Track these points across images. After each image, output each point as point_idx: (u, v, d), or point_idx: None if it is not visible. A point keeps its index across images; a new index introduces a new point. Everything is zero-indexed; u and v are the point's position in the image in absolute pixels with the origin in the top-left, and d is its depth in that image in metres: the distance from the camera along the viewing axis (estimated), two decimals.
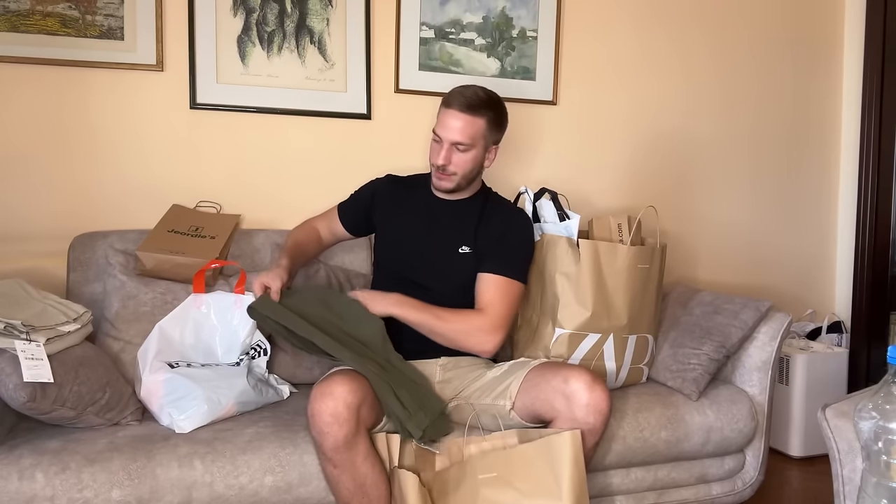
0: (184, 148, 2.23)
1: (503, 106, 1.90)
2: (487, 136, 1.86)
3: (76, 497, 1.47)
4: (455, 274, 1.89)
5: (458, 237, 1.90)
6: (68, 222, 2.11)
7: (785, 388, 2.59)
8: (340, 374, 1.59)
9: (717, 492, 2.05)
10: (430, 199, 1.96)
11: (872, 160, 2.88)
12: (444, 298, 1.85)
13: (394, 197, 2.00)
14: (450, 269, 1.89)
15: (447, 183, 1.87)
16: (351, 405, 1.51)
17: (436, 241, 1.91)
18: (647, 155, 2.72)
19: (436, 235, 1.91)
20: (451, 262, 1.89)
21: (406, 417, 1.60)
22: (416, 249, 1.91)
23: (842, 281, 3.01)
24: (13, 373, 1.46)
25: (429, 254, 1.90)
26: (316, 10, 2.30)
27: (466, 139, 1.81)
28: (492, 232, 1.90)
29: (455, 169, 1.85)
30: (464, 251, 1.89)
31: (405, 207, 1.97)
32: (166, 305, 1.90)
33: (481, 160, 1.89)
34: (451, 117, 1.81)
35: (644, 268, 1.98)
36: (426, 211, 1.95)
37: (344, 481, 1.55)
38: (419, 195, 1.98)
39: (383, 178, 2.06)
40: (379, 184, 2.05)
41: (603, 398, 1.64)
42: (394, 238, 1.96)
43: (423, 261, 1.90)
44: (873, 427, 1.12)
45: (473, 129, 1.82)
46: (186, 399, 1.68)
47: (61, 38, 2.08)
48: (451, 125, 1.81)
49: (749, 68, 2.83)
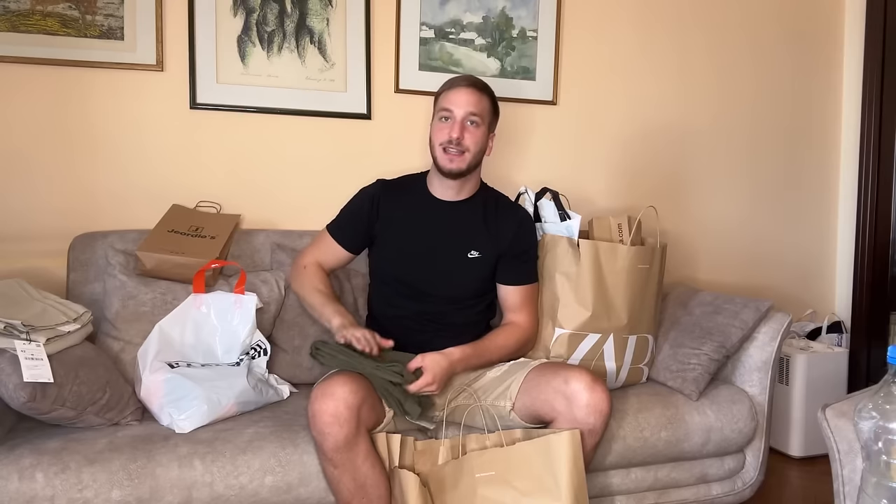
0: (184, 148, 2.23)
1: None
2: (490, 118, 1.88)
3: (76, 497, 1.47)
4: (464, 278, 1.88)
5: (466, 242, 1.88)
6: (68, 222, 2.11)
7: (785, 388, 2.59)
8: (341, 374, 1.59)
9: (717, 492, 2.05)
10: (429, 202, 1.92)
11: (872, 160, 2.88)
12: (452, 302, 1.85)
13: (391, 202, 1.92)
14: (459, 274, 1.87)
15: (459, 163, 1.82)
16: (351, 405, 1.51)
17: (442, 247, 1.88)
18: (646, 155, 2.72)
19: (442, 240, 1.88)
20: (460, 267, 1.87)
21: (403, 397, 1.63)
22: (422, 256, 1.87)
23: (842, 281, 3.01)
24: (13, 373, 1.46)
25: (436, 259, 1.87)
26: (316, 9, 2.30)
27: (480, 111, 1.82)
28: (502, 237, 1.90)
29: (469, 144, 1.82)
30: (473, 256, 1.88)
31: (404, 212, 1.91)
32: (166, 305, 1.90)
33: (485, 143, 1.87)
34: (462, 93, 1.82)
35: (644, 268, 1.98)
36: (427, 215, 1.90)
37: (344, 481, 1.55)
38: (417, 198, 1.93)
39: (374, 184, 1.98)
40: (373, 191, 1.95)
41: (603, 399, 1.65)
42: (396, 245, 1.90)
43: (429, 267, 1.87)
44: (873, 427, 1.12)
45: (482, 106, 1.83)
46: (186, 399, 1.68)
47: (61, 38, 2.08)
48: (464, 99, 1.81)
49: (749, 68, 2.83)
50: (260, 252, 2.14)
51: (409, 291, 1.87)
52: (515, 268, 1.91)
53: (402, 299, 1.88)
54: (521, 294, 1.92)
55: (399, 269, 1.89)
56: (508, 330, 1.89)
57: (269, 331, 2.01)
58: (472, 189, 1.94)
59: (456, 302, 1.87)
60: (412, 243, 1.88)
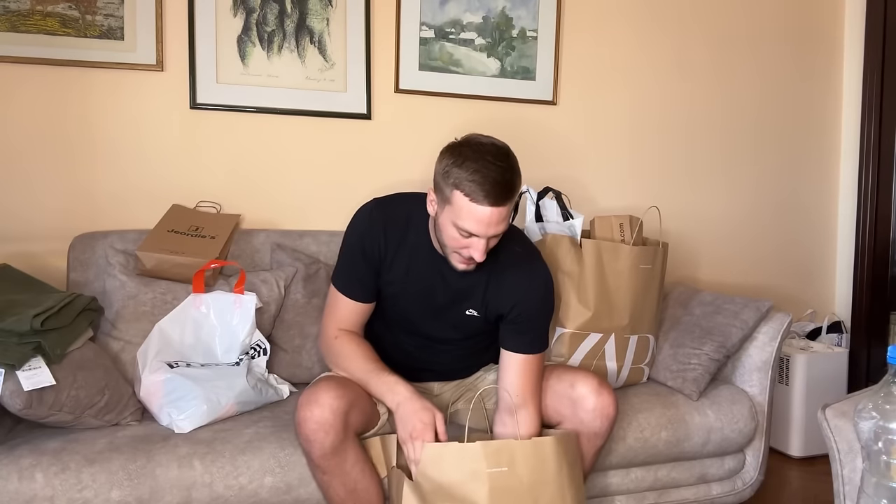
0: (184, 148, 2.23)
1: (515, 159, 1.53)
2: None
3: (76, 497, 1.47)
4: (464, 331, 1.73)
5: (464, 299, 1.67)
6: (68, 222, 2.11)
7: (785, 388, 2.59)
8: (327, 379, 1.57)
9: (717, 492, 2.05)
10: (428, 249, 1.64)
11: (872, 160, 2.88)
12: (453, 345, 1.77)
13: (394, 238, 1.65)
14: (458, 327, 1.71)
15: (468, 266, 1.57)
16: (338, 411, 1.48)
17: (441, 297, 1.67)
18: (646, 155, 2.72)
19: (440, 291, 1.67)
20: (459, 321, 1.70)
21: None
22: (421, 300, 1.68)
23: (842, 281, 3.01)
24: (9, 379, 1.45)
25: (434, 307, 1.69)
26: (316, 10, 2.30)
27: (505, 225, 1.50)
28: (503, 299, 1.65)
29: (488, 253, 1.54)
30: (471, 314, 1.68)
31: (403, 250, 1.66)
32: (166, 305, 1.90)
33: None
34: (487, 213, 1.45)
35: (646, 268, 1.98)
36: (426, 261, 1.65)
37: (334, 487, 1.54)
38: (417, 243, 1.65)
39: (373, 215, 1.67)
40: (377, 227, 1.65)
41: (610, 402, 1.64)
42: (394, 289, 1.68)
43: (428, 315, 1.70)
44: (873, 427, 1.12)
45: (509, 210, 1.50)
46: (186, 399, 1.68)
47: (61, 38, 2.08)
48: (489, 220, 1.46)
49: (749, 68, 2.83)
50: (260, 252, 2.14)
51: (412, 332, 1.75)
52: (514, 336, 1.66)
53: (400, 333, 1.77)
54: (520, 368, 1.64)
55: (395, 309, 1.72)
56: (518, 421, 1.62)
57: (269, 330, 2.01)
58: None
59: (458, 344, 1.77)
60: (412, 289, 1.67)
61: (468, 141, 1.51)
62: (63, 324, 1.60)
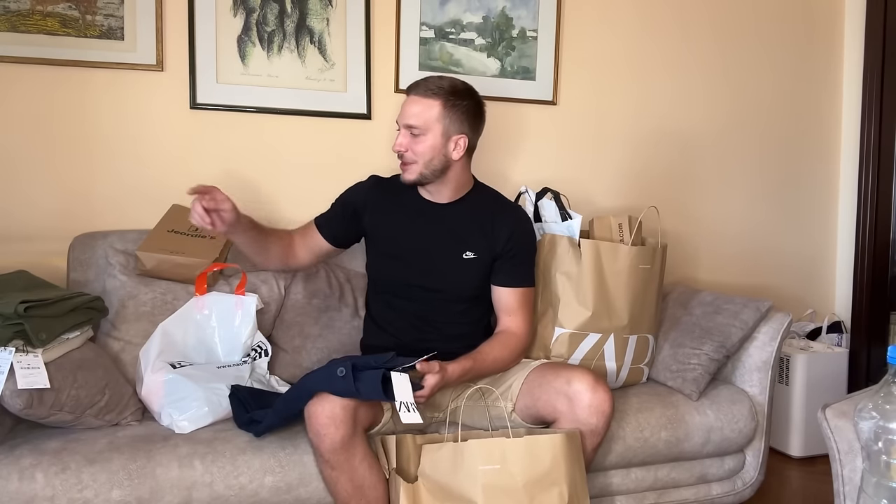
0: (184, 148, 2.23)
1: (470, 95, 1.81)
2: (446, 122, 1.75)
3: (76, 497, 1.47)
4: (460, 279, 1.85)
5: (461, 243, 1.84)
6: (68, 222, 2.11)
7: (785, 388, 2.59)
8: None
9: (717, 492, 2.05)
10: (421, 203, 1.88)
11: (872, 160, 2.88)
12: (449, 303, 1.85)
13: (384, 201, 1.90)
14: (454, 274, 1.85)
15: (409, 174, 1.80)
16: (347, 406, 1.50)
17: (437, 248, 1.85)
18: (646, 155, 2.72)
19: (436, 241, 1.85)
20: (455, 268, 1.84)
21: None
22: (417, 256, 1.85)
23: (842, 281, 3.01)
24: (9, 379, 1.45)
25: (431, 260, 1.84)
26: (316, 9, 2.30)
27: (419, 122, 1.75)
28: (497, 238, 1.85)
29: (413, 157, 1.77)
30: (468, 257, 1.84)
31: (398, 212, 1.88)
32: (166, 305, 1.90)
33: (441, 149, 1.76)
34: (407, 102, 1.78)
35: (645, 268, 1.98)
36: (420, 215, 1.87)
37: (342, 483, 1.54)
38: (410, 198, 1.88)
39: (367, 181, 1.96)
40: (366, 187, 1.94)
41: (606, 399, 1.65)
42: (390, 245, 1.88)
43: (425, 267, 1.84)
44: (873, 427, 1.12)
45: (429, 113, 1.75)
46: (187, 400, 1.68)
47: (61, 38, 2.08)
48: (405, 110, 1.78)
49: (749, 68, 2.83)
50: None
51: (404, 292, 1.85)
52: (510, 270, 1.86)
53: (398, 300, 1.87)
54: (515, 297, 1.85)
55: (394, 269, 1.87)
56: (503, 340, 1.82)
57: (270, 331, 2.01)
58: (460, 190, 1.87)
59: (453, 304, 1.86)
60: (407, 243, 1.86)
61: None
62: (53, 314, 1.60)
